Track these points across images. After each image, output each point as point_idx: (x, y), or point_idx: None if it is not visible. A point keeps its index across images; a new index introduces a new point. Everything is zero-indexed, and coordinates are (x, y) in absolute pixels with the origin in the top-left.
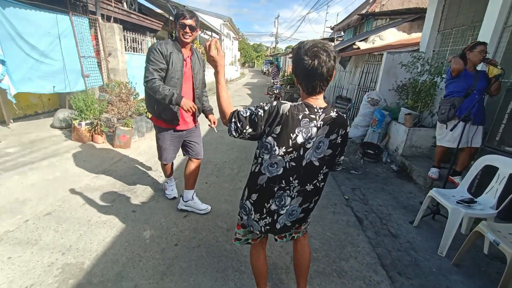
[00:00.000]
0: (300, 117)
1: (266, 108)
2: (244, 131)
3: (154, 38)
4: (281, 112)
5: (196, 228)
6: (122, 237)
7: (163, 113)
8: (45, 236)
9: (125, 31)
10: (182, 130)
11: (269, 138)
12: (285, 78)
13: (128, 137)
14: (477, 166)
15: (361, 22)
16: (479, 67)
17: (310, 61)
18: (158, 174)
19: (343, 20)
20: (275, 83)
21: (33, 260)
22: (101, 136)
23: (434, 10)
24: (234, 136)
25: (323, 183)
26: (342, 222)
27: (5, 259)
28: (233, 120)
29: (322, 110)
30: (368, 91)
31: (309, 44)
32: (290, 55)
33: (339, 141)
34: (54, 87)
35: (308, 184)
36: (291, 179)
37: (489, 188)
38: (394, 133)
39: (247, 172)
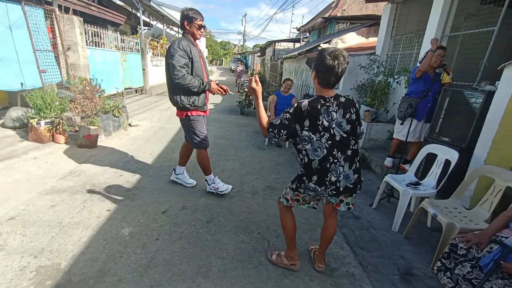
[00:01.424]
0: (319, 106)
1: (291, 111)
2: (280, 134)
3: (118, 32)
4: (303, 109)
5: (176, 222)
6: (99, 236)
7: (196, 101)
8: (12, 241)
9: (85, 24)
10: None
11: (304, 132)
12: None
13: (94, 136)
14: (421, 154)
15: (325, 25)
16: (437, 70)
17: (331, 61)
18: (131, 173)
19: (308, 22)
20: (245, 81)
21: (1, 265)
22: (64, 136)
23: (387, 18)
24: (275, 142)
25: (356, 145)
26: (313, 209)
27: None
28: (270, 130)
29: (333, 98)
30: None
31: (332, 49)
32: (258, 54)
33: (354, 117)
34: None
35: (347, 151)
36: (334, 153)
37: (430, 172)
38: None
39: (223, 168)
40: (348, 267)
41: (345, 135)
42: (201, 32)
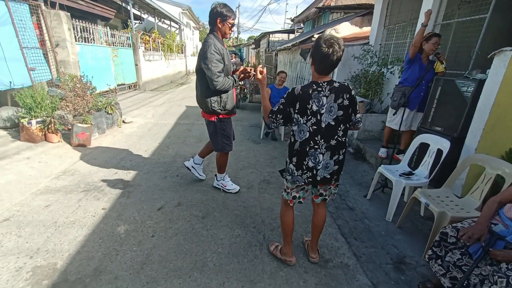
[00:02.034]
0: (310, 91)
1: (285, 96)
2: (278, 118)
3: (108, 27)
4: (296, 93)
5: (172, 218)
6: (95, 234)
7: (227, 105)
8: (7, 242)
9: (73, 19)
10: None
11: (295, 114)
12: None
13: (87, 134)
14: (414, 144)
15: (319, 15)
16: (431, 57)
17: (327, 48)
18: (126, 171)
19: (302, 12)
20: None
21: None
22: (56, 134)
23: (380, 7)
24: (274, 127)
25: (344, 137)
26: (307, 201)
27: None
28: (269, 115)
29: (326, 83)
30: None
31: (328, 37)
32: (253, 46)
33: (346, 103)
34: None
35: (332, 140)
36: (316, 139)
37: (423, 161)
38: None
39: None
40: (343, 258)
41: (334, 123)
42: (232, 30)
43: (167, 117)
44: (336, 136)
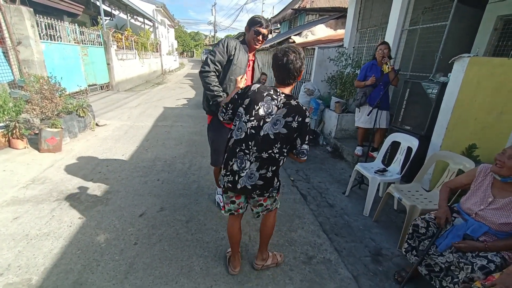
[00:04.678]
0: (264, 94)
1: (241, 88)
2: (228, 109)
3: (76, 24)
4: (252, 88)
5: (155, 224)
6: (72, 246)
7: (211, 107)
8: None
9: (37, 15)
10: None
11: (241, 108)
12: None
13: (58, 139)
14: (387, 142)
15: (295, 16)
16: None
17: (282, 58)
18: (102, 176)
19: (279, 13)
20: None
21: None
22: (22, 140)
23: (353, 11)
24: (222, 118)
25: (278, 155)
26: (290, 200)
27: None
28: (222, 106)
29: (284, 95)
30: (304, 82)
31: (285, 47)
32: None
33: (295, 126)
34: None
35: (264, 152)
36: (250, 144)
37: (395, 159)
38: (328, 119)
39: (199, 165)
40: (325, 254)
41: (273, 137)
42: (259, 39)
43: (144, 119)
44: (270, 151)
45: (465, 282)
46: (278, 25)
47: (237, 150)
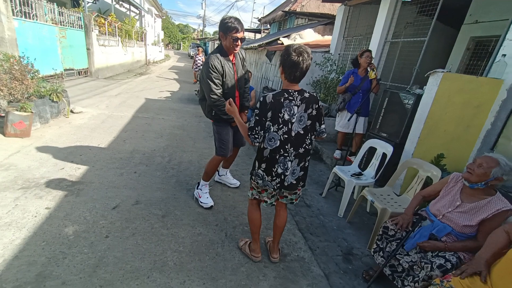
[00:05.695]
0: (282, 100)
1: (258, 106)
2: (257, 132)
3: (55, 3)
4: (267, 101)
5: (129, 218)
6: (37, 237)
7: (217, 116)
8: None
9: None
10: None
11: (267, 122)
12: None
13: (26, 124)
14: (364, 148)
15: (285, 18)
16: (369, 69)
17: (296, 57)
18: (74, 166)
19: (269, 14)
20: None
21: None
22: None
23: (341, 19)
24: (258, 142)
25: (310, 145)
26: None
27: None
28: (249, 133)
29: (297, 92)
30: None
31: (297, 45)
32: (219, 42)
33: (314, 113)
34: None
35: (300, 148)
36: (287, 147)
37: (371, 163)
38: None
39: (180, 160)
40: (299, 252)
41: (303, 132)
42: (237, 44)
43: (123, 109)
44: (304, 145)
45: (424, 280)
46: (268, 25)
47: (277, 157)
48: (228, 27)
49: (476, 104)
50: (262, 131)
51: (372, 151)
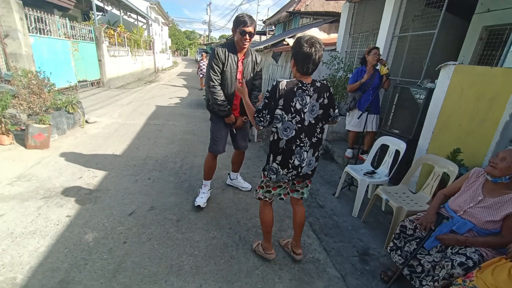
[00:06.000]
0: (295, 89)
1: (269, 89)
2: (263, 114)
3: (67, 18)
4: (280, 88)
5: (144, 223)
6: (60, 244)
7: (214, 109)
8: None
9: (26, 7)
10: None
11: (278, 110)
12: None
13: (45, 135)
14: (376, 145)
15: (290, 19)
16: (378, 66)
17: (308, 48)
18: (91, 174)
19: (274, 15)
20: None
21: None
22: (8, 136)
23: (346, 16)
24: (263, 126)
25: (321, 134)
26: (281, 201)
27: None
28: (255, 115)
29: (309, 84)
30: None
31: (308, 37)
32: None
33: (326, 102)
34: None
35: (313, 138)
36: (301, 137)
37: (384, 161)
38: None
39: (191, 164)
40: (314, 253)
41: (314, 121)
42: (245, 38)
43: (135, 117)
44: (316, 134)
45: (445, 279)
46: (273, 27)
47: (294, 147)
48: (238, 21)
49: (491, 96)
50: (268, 116)
51: (384, 148)
